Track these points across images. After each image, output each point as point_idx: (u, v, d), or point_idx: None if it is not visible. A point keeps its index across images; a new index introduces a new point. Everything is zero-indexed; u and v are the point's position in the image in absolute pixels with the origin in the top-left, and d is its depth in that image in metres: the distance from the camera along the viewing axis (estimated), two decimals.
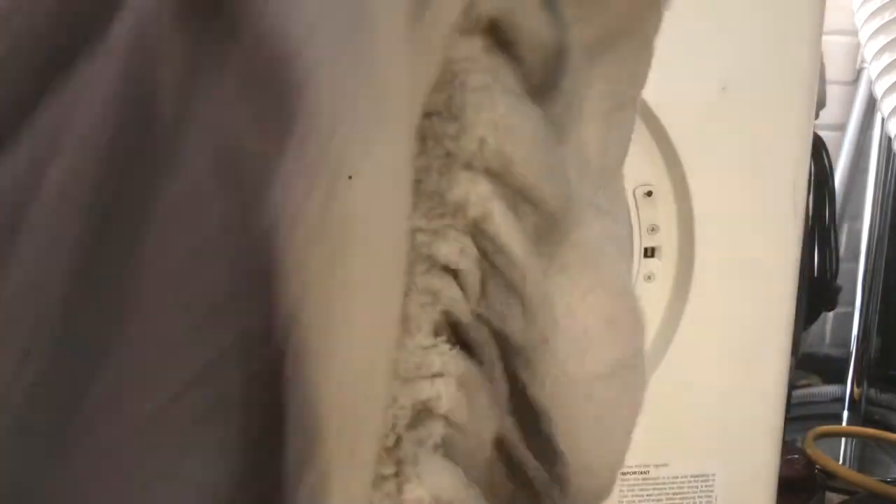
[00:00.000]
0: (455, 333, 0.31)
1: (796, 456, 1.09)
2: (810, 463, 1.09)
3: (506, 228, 0.30)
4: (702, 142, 0.74)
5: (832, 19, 0.80)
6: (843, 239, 1.43)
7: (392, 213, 0.26)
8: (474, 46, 0.29)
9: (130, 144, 0.22)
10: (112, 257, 0.22)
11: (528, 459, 0.32)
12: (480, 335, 0.31)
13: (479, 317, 0.31)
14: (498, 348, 0.31)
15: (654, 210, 0.76)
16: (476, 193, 0.29)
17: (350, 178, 0.23)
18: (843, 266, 1.23)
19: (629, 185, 0.75)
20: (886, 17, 0.94)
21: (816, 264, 1.17)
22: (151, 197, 0.22)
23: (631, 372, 0.34)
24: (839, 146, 1.44)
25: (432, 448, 0.30)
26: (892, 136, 0.96)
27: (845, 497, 1.08)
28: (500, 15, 0.29)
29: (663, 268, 0.78)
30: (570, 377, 0.31)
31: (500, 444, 0.32)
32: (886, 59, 0.94)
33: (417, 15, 0.25)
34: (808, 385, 1.45)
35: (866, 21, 0.96)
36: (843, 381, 1.40)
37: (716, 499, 0.82)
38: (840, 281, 1.21)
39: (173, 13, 0.22)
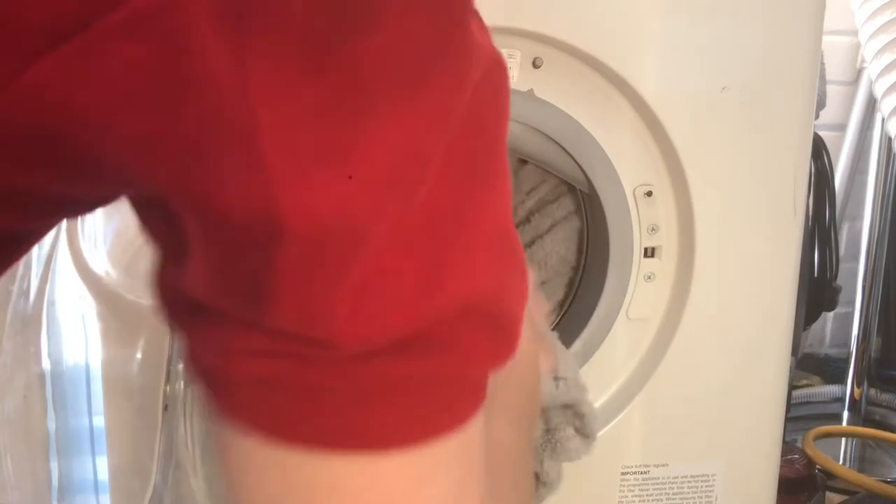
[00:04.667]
0: None
1: (796, 456, 1.09)
2: (810, 463, 1.09)
3: None
4: (702, 142, 0.74)
5: (832, 19, 0.80)
6: (843, 239, 1.43)
7: None
8: None
9: None
10: None
11: None
12: None
13: None
14: None
15: (654, 210, 0.76)
16: None
17: None
18: (843, 266, 1.23)
19: (629, 185, 0.75)
20: (886, 17, 0.94)
21: (816, 264, 1.17)
22: None
23: None
24: (839, 146, 1.44)
25: None
26: (893, 136, 0.96)
27: (845, 497, 1.08)
28: None
29: (663, 268, 0.77)
30: None
31: None
32: (886, 58, 0.94)
33: None
34: (808, 385, 1.45)
35: (866, 21, 0.96)
36: (843, 381, 1.40)
37: (716, 499, 0.82)
38: (840, 281, 1.21)
39: None
